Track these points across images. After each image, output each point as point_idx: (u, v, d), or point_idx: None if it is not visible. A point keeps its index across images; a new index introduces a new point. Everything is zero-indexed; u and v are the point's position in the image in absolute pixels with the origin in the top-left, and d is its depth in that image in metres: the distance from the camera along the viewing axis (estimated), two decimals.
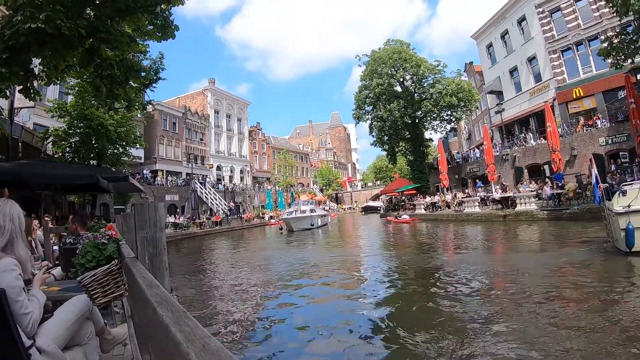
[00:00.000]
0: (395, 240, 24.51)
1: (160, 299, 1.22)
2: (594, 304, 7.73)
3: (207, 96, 67.87)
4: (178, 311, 1.08)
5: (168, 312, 1.08)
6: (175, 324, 0.96)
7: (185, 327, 0.93)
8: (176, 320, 0.99)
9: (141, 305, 1.50)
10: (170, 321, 0.99)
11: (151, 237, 2.46)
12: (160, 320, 1.04)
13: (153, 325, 1.15)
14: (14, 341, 2.37)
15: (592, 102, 33.11)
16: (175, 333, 0.89)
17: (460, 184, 44.02)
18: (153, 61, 19.68)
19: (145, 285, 1.47)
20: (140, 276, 1.70)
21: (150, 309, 1.19)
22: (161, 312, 1.08)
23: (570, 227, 19.39)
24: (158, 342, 1.09)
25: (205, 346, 0.80)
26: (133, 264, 2.12)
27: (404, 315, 8.36)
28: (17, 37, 7.48)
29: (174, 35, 10.57)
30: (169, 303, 1.17)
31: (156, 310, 1.11)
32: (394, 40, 50.35)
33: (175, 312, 1.08)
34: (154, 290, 1.37)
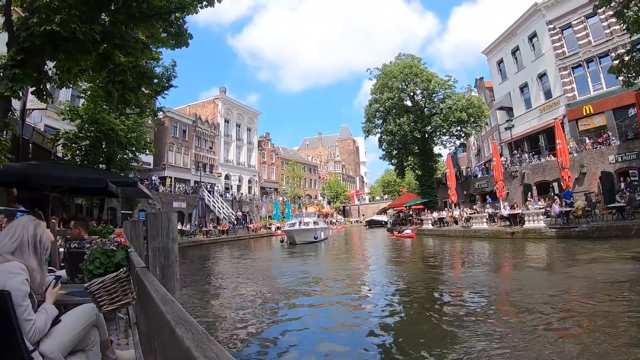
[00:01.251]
0: (399, 256, 24.38)
1: (177, 318, 1.17)
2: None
3: (217, 105, 68.18)
4: (199, 332, 1.03)
5: (188, 333, 1.03)
6: (198, 348, 0.90)
7: (209, 352, 0.87)
8: (198, 343, 0.94)
9: (155, 322, 1.44)
10: (191, 344, 0.93)
11: (163, 248, 2.43)
12: (180, 343, 0.99)
13: (171, 346, 1.09)
14: (16, 344, 2.37)
15: (602, 120, 32.92)
16: (199, 358, 0.85)
17: (468, 199, 43.82)
18: (165, 68, 19.86)
19: (160, 301, 1.43)
20: (154, 289, 1.66)
21: (167, 328, 1.15)
22: (180, 333, 1.03)
23: (583, 246, 19.12)
24: None
25: None
26: (145, 275, 2.08)
27: (407, 336, 8.30)
28: (32, 40, 7.57)
29: (187, 43, 10.65)
30: (187, 323, 1.12)
31: (175, 330, 1.07)
32: (405, 55, 50.36)
33: (196, 333, 1.02)
34: (169, 306, 1.32)
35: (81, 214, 22.69)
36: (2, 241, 2.75)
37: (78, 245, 5.76)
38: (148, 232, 2.45)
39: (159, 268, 2.41)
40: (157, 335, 1.42)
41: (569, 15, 35.25)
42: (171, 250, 2.46)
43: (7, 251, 2.69)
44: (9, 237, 2.77)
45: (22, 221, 2.94)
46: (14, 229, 2.83)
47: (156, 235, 2.43)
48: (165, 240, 2.44)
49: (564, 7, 35.57)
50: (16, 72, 7.78)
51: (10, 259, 2.65)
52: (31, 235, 2.83)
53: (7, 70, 7.91)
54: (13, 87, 7.89)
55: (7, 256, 2.66)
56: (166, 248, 2.44)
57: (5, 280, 2.47)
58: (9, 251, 2.70)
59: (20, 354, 2.38)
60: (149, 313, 1.71)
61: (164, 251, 2.43)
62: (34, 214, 8.79)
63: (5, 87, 7.86)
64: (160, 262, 2.42)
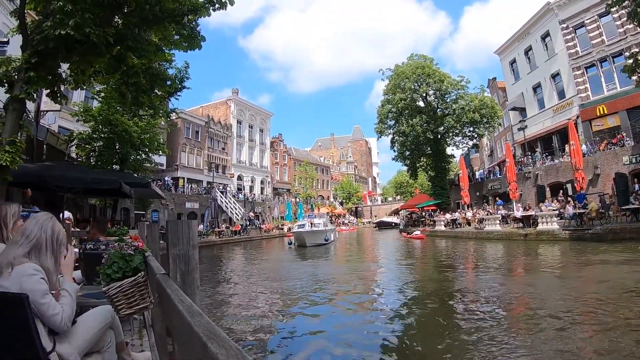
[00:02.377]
0: (411, 257, 24.37)
1: (208, 332, 1.15)
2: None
3: (230, 106, 68.44)
4: (233, 349, 1.00)
5: (221, 349, 1.00)
6: None
7: None
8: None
9: (182, 333, 1.43)
10: None
11: (184, 255, 2.44)
12: (214, 359, 0.97)
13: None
14: (34, 347, 2.38)
15: (616, 120, 32.61)
16: None
17: (481, 201, 43.58)
18: (178, 70, 19.93)
19: (186, 312, 1.41)
20: (179, 300, 1.66)
21: (198, 342, 1.13)
22: (214, 349, 1.00)
23: (596, 248, 18.92)
24: None
25: None
26: (166, 282, 2.09)
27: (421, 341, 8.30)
28: (46, 43, 7.66)
29: (200, 45, 10.69)
30: (219, 338, 1.10)
31: (207, 346, 1.04)
32: (417, 55, 50.20)
33: (229, 349, 1.00)
34: (197, 319, 1.31)
35: (100, 215, 22.89)
36: (17, 243, 2.75)
37: (93, 246, 5.82)
38: (169, 239, 2.47)
39: (179, 275, 2.42)
40: (184, 346, 1.42)
41: (581, 14, 34.97)
42: (192, 257, 2.47)
43: (22, 253, 2.68)
44: (25, 237, 2.76)
45: (39, 219, 2.90)
46: (30, 228, 2.81)
47: (177, 243, 2.45)
48: (186, 247, 2.46)
49: (576, 6, 35.31)
50: (31, 74, 7.87)
51: (24, 261, 2.65)
52: (49, 235, 2.82)
53: (22, 73, 8.01)
54: (28, 89, 7.98)
55: (22, 259, 2.65)
56: (187, 255, 2.45)
57: (21, 283, 2.48)
58: (24, 252, 2.69)
59: (38, 357, 2.39)
60: (173, 322, 1.71)
61: (185, 258, 2.44)
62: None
63: (20, 89, 7.96)
64: (181, 269, 2.44)
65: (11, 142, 7.82)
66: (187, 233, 2.49)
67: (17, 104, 8.12)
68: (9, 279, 2.54)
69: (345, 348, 7.59)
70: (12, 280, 2.53)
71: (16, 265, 2.61)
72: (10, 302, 2.36)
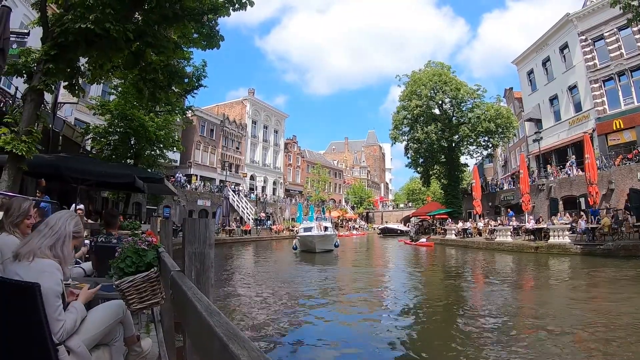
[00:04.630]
0: (420, 264, 24.31)
1: (228, 332, 1.14)
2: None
3: (245, 106, 68.82)
4: (254, 350, 0.99)
5: (243, 350, 0.99)
6: None
7: None
8: None
9: (199, 332, 1.42)
10: None
11: (200, 253, 2.44)
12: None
13: None
14: (43, 337, 2.40)
15: (632, 135, 32.27)
16: None
17: (493, 211, 43.38)
18: (196, 68, 20.01)
19: (205, 311, 1.40)
20: (196, 298, 1.65)
21: (218, 342, 1.12)
22: (235, 350, 0.99)
23: (607, 264, 18.67)
24: None
25: None
26: (182, 280, 2.12)
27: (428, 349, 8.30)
28: (66, 36, 7.76)
29: (218, 45, 10.79)
30: (240, 339, 1.08)
31: (228, 346, 1.03)
32: (434, 62, 50.22)
33: (250, 350, 0.99)
34: (215, 319, 1.29)
35: (111, 208, 23.05)
36: (42, 232, 2.81)
37: (105, 239, 5.89)
38: (185, 237, 2.48)
39: (194, 273, 2.43)
40: (200, 345, 1.43)
41: (601, 26, 34.72)
42: (207, 256, 2.47)
43: (46, 244, 2.74)
44: (49, 228, 2.83)
45: (63, 214, 3.00)
46: (55, 221, 2.89)
47: (193, 241, 2.46)
48: (202, 245, 2.46)
49: (596, 18, 35.09)
50: (50, 66, 7.98)
51: (47, 254, 2.70)
52: (70, 230, 2.90)
53: (41, 64, 8.13)
54: (46, 80, 8.09)
55: (46, 251, 2.71)
56: (202, 253, 2.46)
57: (38, 278, 2.49)
58: (49, 245, 2.74)
59: (47, 348, 2.41)
60: (188, 320, 1.72)
61: (200, 256, 2.45)
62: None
63: (38, 80, 8.08)
64: (196, 267, 2.44)
65: (28, 132, 7.94)
66: (204, 232, 2.51)
67: (35, 95, 8.24)
68: (28, 268, 2.59)
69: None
70: (29, 271, 2.57)
71: (38, 257, 2.66)
72: (22, 290, 2.39)
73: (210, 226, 2.54)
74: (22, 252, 2.67)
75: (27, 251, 2.66)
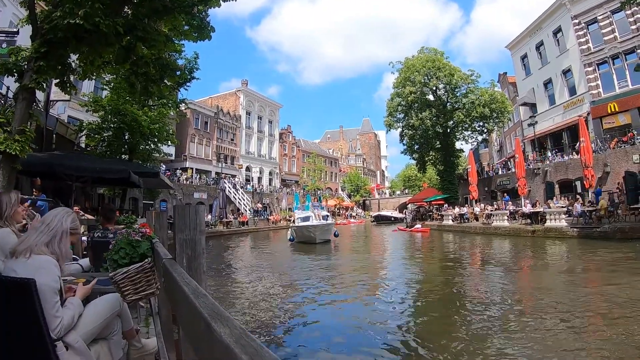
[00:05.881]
0: (418, 250, 24.38)
1: (212, 312, 1.15)
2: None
3: (239, 97, 68.58)
4: (236, 328, 1.00)
5: (225, 328, 1.00)
6: (237, 344, 0.88)
7: (249, 349, 0.85)
8: (237, 339, 0.91)
9: (187, 315, 1.43)
10: (230, 340, 0.91)
11: (190, 240, 2.44)
12: (217, 338, 0.97)
13: (206, 342, 1.08)
14: (41, 333, 2.41)
15: (627, 118, 32.32)
16: (240, 355, 0.82)
17: (489, 196, 43.47)
18: (188, 60, 19.93)
19: (192, 294, 1.40)
20: (184, 282, 1.65)
21: (202, 323, 1.12)
22: (217, 328, 1.00)
23: (604, 247, 18.78)
24: None
25: None
26: (173, 267, 2.09)
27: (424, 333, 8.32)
28: (55, 33, 7.68)
29: (210, 36, 10.72)
30: (223, 317, 1.10)
31: (211, 325, 1.04)
32: (427, 49, 49.92)
33: (233, 328, 0.99)
34: (202, 300, 1.30)
35: (110, 204, 23.02)
36: (38, 229, 2.82)
37: (102, 234, 5.88)
38: (176, 224, 2.47)
39: (185, 260, 2.43)
40: (189, 328, 1.41)
41: (594, 10, 34.65)
42: (198, 243, 2.47)
43: (43, 242, 2.75)
44: (46, 225, 2.85)
45: (60, 212, 3.02)
46: (51, 218, 2.91)
47: (184, 228, 2.45)
48: (192, 232, 2.46)
49: (589, 1, 35.01)
50: (40, 64, 7.92)
51: (44, 250, 2.71)
52: (67, 227, 2.92)
53: (32, 62, 8.06)
54: (37, 78, 8.02)
55: (42, 248, 2.72)
56: (193, 240, 2.45)
57: (35, 274, 2.49)
58: (45, 242, 2.76)
59: (44, 343, 2.42)
60: (179, 305, 1.70)
61: (191, 243, 2.45)
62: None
63: (29, 78, 8.01)
64: (187, 254, 2.44)
65: (21, 132, 7.88)
66: (195, 219, 2.50)
67: (26, 94, 8.17)
68: (24, 265, 2.59)
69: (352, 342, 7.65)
70: (27, 267, 2.57)
71: (35, 253, 2.67)
72: (18, 287, 2.39)
73: (200, 213, 2.53)
74: (19, 249, 2.68)
75: (24, 248, 2.68)
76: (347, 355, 7.14)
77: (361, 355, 7.09)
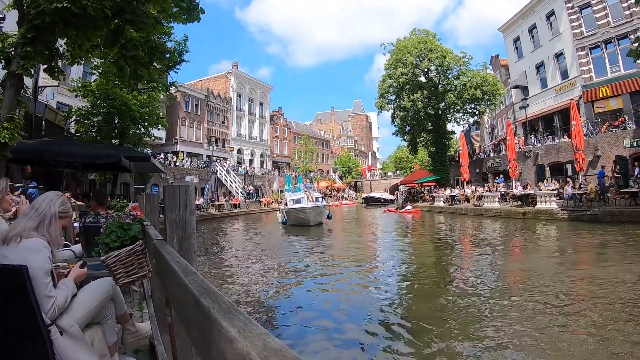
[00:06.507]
0: (410, 231, 24.50)
1: (201, 288, 1.15)
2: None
3: (230, 79, 68.12)
4: (225, 303, 1.00)
5: (214, 303, 1.00)
6: (226, 318, 0.88)
7: (237, 322, 0.84)
8: (225, 313, 0.92)
9: (177, 293, 1.42)
10: (218, 315, 0.91)
11: (181, 220, 2.42)
12: (206, 314, 0.97)
13: (196, 318, 1.08)
14: (35, 319, 2.43)
15: (618, 103, 32.56)
16: (228, 328, 0.82)
17: (480, 178, 43.74)
18: (177, 43, 19.77)
19: (182, 272, 1.40)
20: (174, 261, 1.64)
21: (192, 299, 1.13)
22: (206, 303, 1.01)
23: (593, 229, 18.93)
24: (203, 338, 1.00)
25: (265, 344, 0.72)
26: (163, 247, 2.09)
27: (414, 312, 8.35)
28: (42, 17, 7.56)
29: (199, 18, 10.65)
30: (212, 293, 1.10)
31: (199, 301, 1.05)
32: (419, 30, 49.83)
33: (221, 303, 1.00)
34: (191, 277, 1.30)
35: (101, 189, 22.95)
36: (27, 215, 2.84)
37: (93, 219, 5.83)
38: (165, 205, 2.46)
39: (176, 240, 2.41)
40: (179, 306, 1.41)
41: None
42: (189, 223, 2.46)
43: (31, 226, 2.76)
44: (34, 210, 2.86)
45: (49, 196, 3.02)
46: (40, 203, 2.92)
47: (174, 208, 2.44)
48: (183, 212, 2.44)
49: None
50: (27, 50, 7.81)
51: (33, 235, 2.72)
52: (56, 210, 2.92)
53: (19, 48, 7.95)
54: (25, 65, 7.92)
55: (31, 232, 2.73)
56: (184, 220, 2.44)
57: (27, 257, 2.52)
58: (33, 225, 2.77)
59: (39, 329, 2.45)
60: (169, 284, 1.69)
61: (182, 223, 2.43)
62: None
63: (17, 65, 7.91)
64: (178, 235, 2.42)
65: (9, 119, 7.79)
66: (185, 199, 2.48)
67: (14, 80, 8.07)
68: (15, 250, 2.60)
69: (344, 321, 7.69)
70: (18, 252, 2.58)
71: (25, 238, 2.68)
72: (10, 274, 2.41)
73: (190, 192, 2.51)
74: (9, 235, 2.70)
75: (13, 234, 2.70)
76: (339, 333, 7.20)
77: (351, 333, 7.17)
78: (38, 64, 9.39)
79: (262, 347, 0.71)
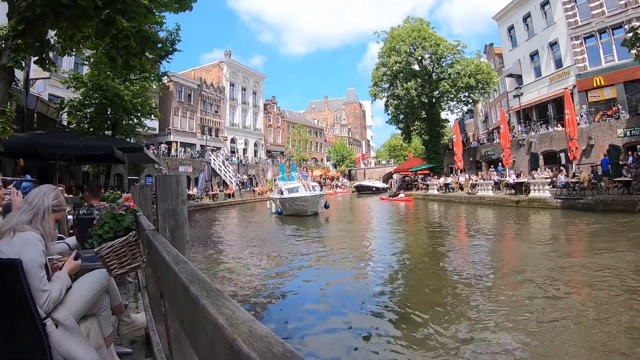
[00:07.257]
0: (404, 219, 24.57)
1: (191, 277, 1.16)
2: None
3: (222, 68, 67.72)
4: (213, 290, 1.02)
5: (202, 291, 1.02)
6: (213, 305, 0.90)
7: (225, 310, 0.86)
8: (213, 301, 0.94)
9: (168, 282, 1.44)
10: (207, 302, 0.93)
11: (173, 210, 2.42)
12: (195, 301, 0.99)
13: (185, 306, 1.10)
14: (30, 312, 2.44)
15: (612, 92, 32.62)
16: (216, 316, 0.84)
17: (474, 166, 43.89)
18: (169, 32, 19.58)
19: (172, 261, 1.41)
20: (165, 250, 1.66)
21: (181, 288, 1.14)
22: (195, 291, 1.02)
23: (586, 217, 19.06)
24: (192, 325, 1.02)
25: (252, 331, 0.73)
26: (155, 237, 2.10)
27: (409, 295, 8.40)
28: (32, 9, 7.52)
29: (190, 6, 10.62)
30: (201, 281, 1.11)
31: (189, 289, 1.06)
32: (413, 18, 49.56)
33: (210, 291, 1.01)
34: (182, 266, 1.31)
35: (95, 180, 22.88)
36: (21, 209, 2.85)
37: (87, 211, 5.84)
38: (157, 195, 2.46)
39: (168, 230, 2.42)
40: (170, 295, 1.43)
41: None
42: (180, 213, 2.46)
43: (25, 220, 2.77)
44: (28, 204, 2.87)
45: (42, 189, 3.03)
46: (33, 196, 2.93)
47: (166, 198, 2.44)
48: (174, 202, 2.45)
49: None
50: (18, 42, 7.77)
51: (27, 228, 2.72)
52: (49, 203, 2.93)
53: (9, 41, 7.91)
54: (16, 57, 7.89)
55: (25, 226, 2.74)
56: (175, 210, 2.45)
57: (21, 251, 2.53)
58: (27, 219, 2.77)
59: (34, 322, 2.45)
60: (160, 274, 1.71)
61: (174, 213, 2.44)
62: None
63: (7, 57, 7.86)
64: (170, 224, 2.43)
65: (1, 112, 7.76)
66: (176, 188, 2.49)
67: (5, 73, 8.04)
68: (9, 244, 2.61)
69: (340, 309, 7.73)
70: (12, 246, 2.59)
71: (18, 232, 2.68)
72: (4, 267, 2.40)
73: (182, 182, 2.52)
74: (3, 229, 2.70)
75: (7, 228, 2.70)
76: (331, 320, 7.27)
77: (345, 319, 7.22)
78: (29, 56, 9.32)
79: (248, 333, 0.73)
